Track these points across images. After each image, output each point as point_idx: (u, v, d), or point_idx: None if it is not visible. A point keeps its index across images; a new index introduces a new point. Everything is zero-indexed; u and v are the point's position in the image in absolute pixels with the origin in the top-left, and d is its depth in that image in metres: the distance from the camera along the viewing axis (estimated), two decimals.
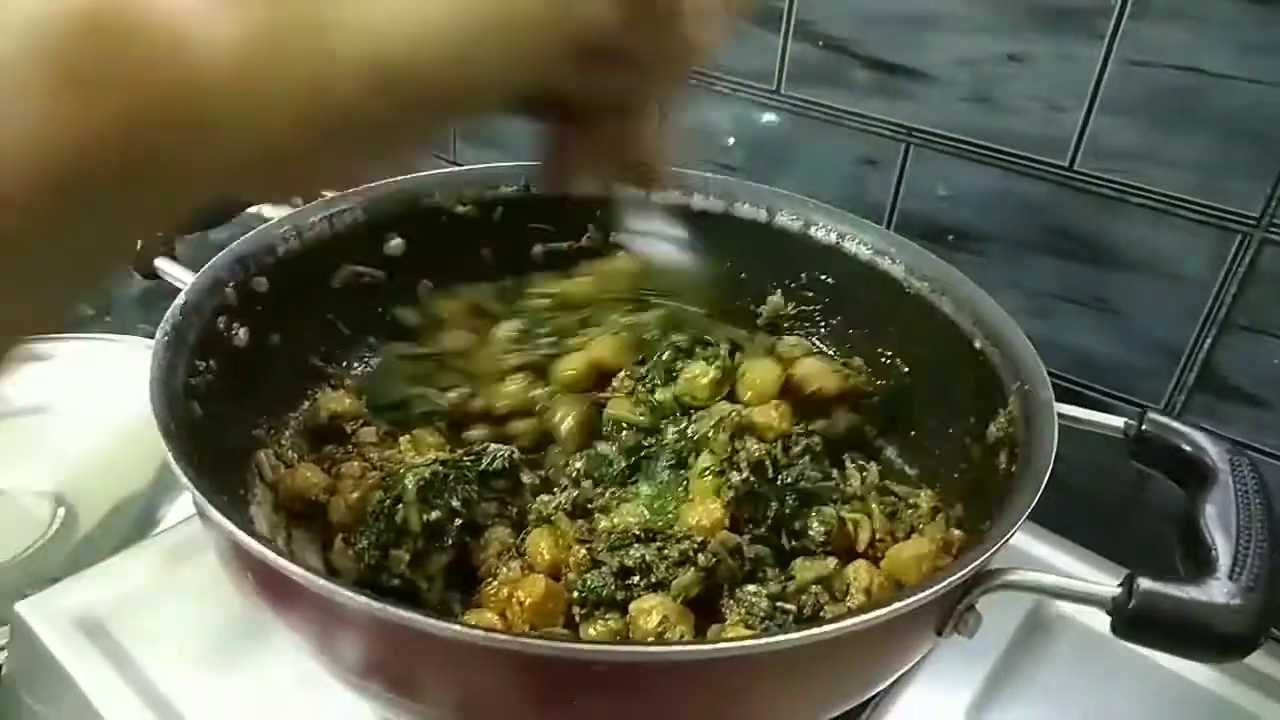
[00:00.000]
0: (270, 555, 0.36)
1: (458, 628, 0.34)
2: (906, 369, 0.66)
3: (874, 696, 0.55)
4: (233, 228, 0.65)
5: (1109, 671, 0.60)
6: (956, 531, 0.54)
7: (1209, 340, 0.69)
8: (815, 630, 0.35)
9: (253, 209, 0.71)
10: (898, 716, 0.56)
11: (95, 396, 0.93)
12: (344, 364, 0.68)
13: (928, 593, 0.37)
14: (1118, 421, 0.52)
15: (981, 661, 0.60)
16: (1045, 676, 0.60)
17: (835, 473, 0.60)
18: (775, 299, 0.73)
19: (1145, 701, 0.59)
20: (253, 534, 0.38)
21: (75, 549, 0.81)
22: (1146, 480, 0.75)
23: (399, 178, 0.68)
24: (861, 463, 0.63)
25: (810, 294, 0.71)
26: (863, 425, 0.65)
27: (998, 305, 0.59)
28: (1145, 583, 0.38)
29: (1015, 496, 0.44)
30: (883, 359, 0.68)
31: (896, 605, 0.36)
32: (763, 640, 0.34)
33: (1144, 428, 0.50)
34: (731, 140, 0.86)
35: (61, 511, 0.84)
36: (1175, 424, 0.50)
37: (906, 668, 0.44)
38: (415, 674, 0.39)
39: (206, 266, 0.56)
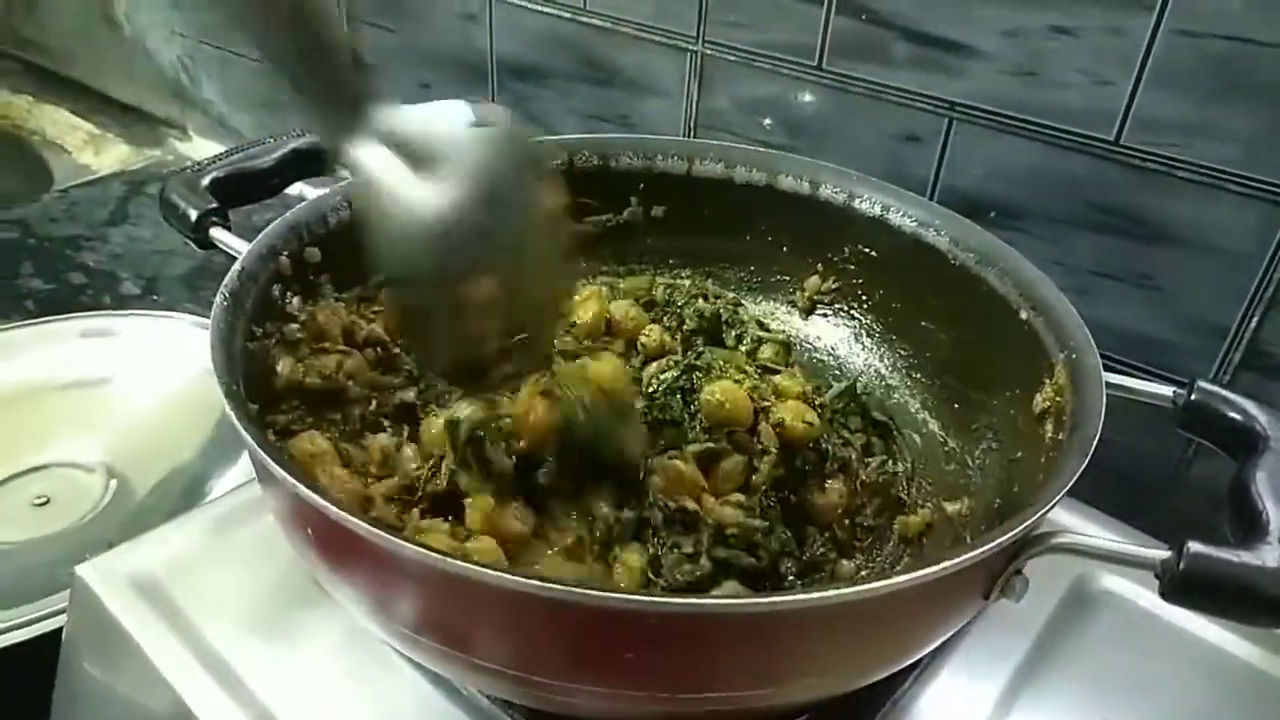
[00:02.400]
0: (332, 509, 0.37)
1: (516, 578, 0.35)
2: (950, 342, 0.66)
3: (914, 668, 0.56)
4: (275, 207, 0.67)
5: (1151, 647, 0.60)
6: None
7: (1256, 318, 0.68)
8: (864, 587, 0.36)
9: (293, 189, 0.72)
10: (939, 690, 0.56)
11: (145, 372, 0.96)
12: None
13: (976, 553, 0.37)
14: (1165, 390, 0.51)
15: (1022, 636, 0.60)
16: (1087, 652, 0.60)
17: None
18: (814, 279, 0.74)
19: (1188, 676, 0.59)
20: (315, 489, 0.39)
21: (127, 519, 0.83)
22: (1186, 461, 0.74)
23: None
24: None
25: (853, 267, 0.71)
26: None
27: (1044, 275, 0.58)
28: (1195, 546, 0.38)
29: (1064, 460, 0.44)
30: (927, 332, 0.68)
31: (945, 565, 0.37)
32: (814, 595, 0.35)
33: (1193, 397, 0.50)
34: (768, 121, 0.86)
35: (114, 483, 0.87)
36: (1225, 393, 0.49)
37: (952, 631, 0.45)
38: (471, 626, 0.40)
39: (261, 235, 0.57)
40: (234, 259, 0.56)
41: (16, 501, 0.85)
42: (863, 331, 0.73)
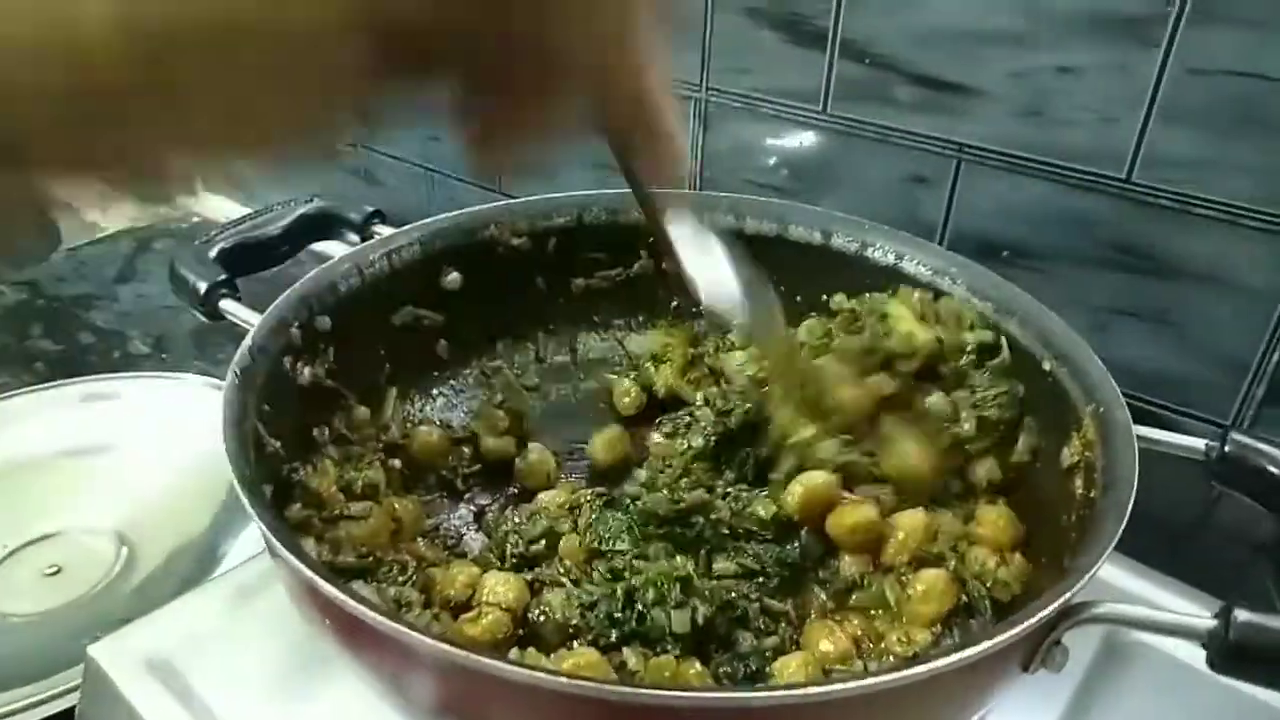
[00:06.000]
0: (350, 602, 0.37)
1: (535, 673, 0.34)
2: None
3: None
4: (287, 268, 0.66)
5: (1195, 703, 0.58)
6: None
7: (1278, 353, 0.67)
8: (902, 673, 0.35)
9: (319, 246, 0.71)
10: None
11: (155, 436, 0.95)
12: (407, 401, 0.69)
13: (1017, 630, 0.36)
14: (1198, 443, 0.50)
15: (1056, 696, 0.58)
16: (1126, 710, 0.58)
17: None
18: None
19: None
20: (330, 580, 0.38)
21: (139, 588, 0.82)
22: (1216, 502, 0.73)
23: (455, 213, 0.69)
24: None
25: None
26: None
27: (1065, 324, 0.58)
28: (1243, 614, 0.37)
29: (1099, 525, 0.43)
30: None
31: (985, 645, 0.35)
32: (851, 684, 0.34)
33: (1227, 449, 0.49)
34: (775, 160, 0.86)
35: (125, 551, 0.86)
36: (1261, 445, 0.48)
37: (989, 707, 0.43)
38: (490, 718, 0.39)
39: (271, 307, 0.57)
40: (241, 330, 0.55)
41: (28, 571, 0.84)
42: None
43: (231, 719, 0.56)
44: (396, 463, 0.63)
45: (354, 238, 0.68)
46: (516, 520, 0.60)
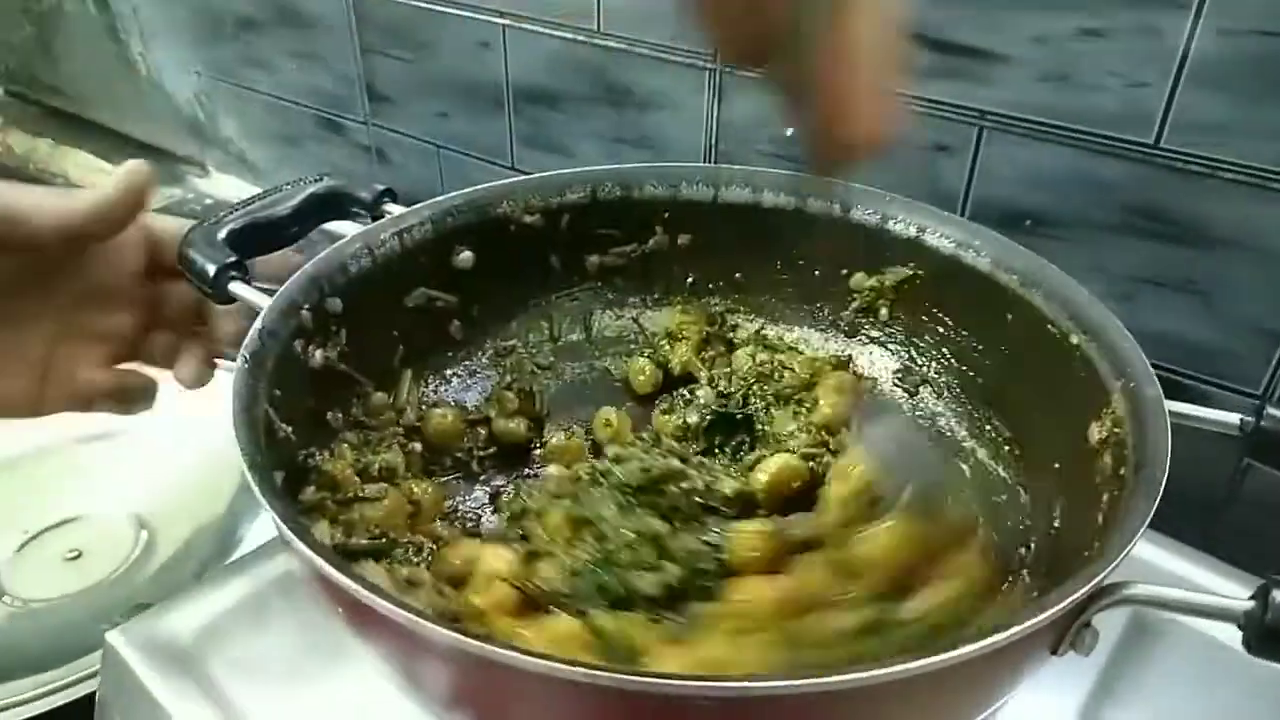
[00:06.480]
0: (353, 585, 0.36)
1: (553, 664, 0.33)
2: (997, 367, 0.64)
3: None
4: (300, 249, 0.65)
5: (1230, 684, 0.56)
6: None
7: None
8: (927, 660, 0.34)
9: (329, 225, 0.71)
10: None
11: (171, 418, 0.95)
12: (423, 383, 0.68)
13: (1047, 614, 0.35)
14: (1232, 418, 0.49)
15: (1082, 677, 0.57)
16: (1155, 691, 0.56)
17: None
18: (855, 302, 0.72)
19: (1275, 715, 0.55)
20: (336, 564, 0.37)
21: (159, 571, 0.83)
22: (1245, 474, 0.71)
23: (467, 190, 0.68)
24: None
25: (890, 291, 0.69)
26: None
27: (1094, 297, 0.56)
28: None
29: (1131, 504, 0.42)
30: (971, 357, 0.66)
31: (1015, 629, 0.34)
32: (876, 671, 0.33)
33: (1262, 423, 0.47)
34: (791, 130, 0.84)
35: (144, 534, 0.86)
36: None
37: (1015, 691, 0.42)
38: (507, 708, 0.39)
39: (281, 290, 0.56)
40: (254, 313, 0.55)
41: (48, 556, 0.85)
42: (901, 358, 0.71)
43: (250, 703, 0.56)
44: (416, 446, 0.63)
45: (365, 217, 0.67)
46: (525, 494, 0.59)
